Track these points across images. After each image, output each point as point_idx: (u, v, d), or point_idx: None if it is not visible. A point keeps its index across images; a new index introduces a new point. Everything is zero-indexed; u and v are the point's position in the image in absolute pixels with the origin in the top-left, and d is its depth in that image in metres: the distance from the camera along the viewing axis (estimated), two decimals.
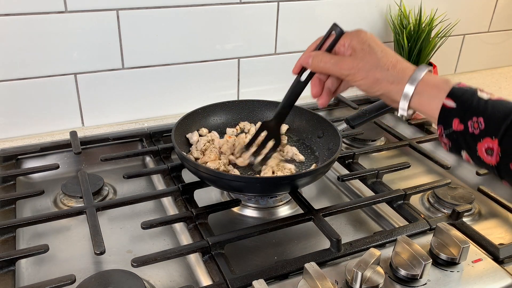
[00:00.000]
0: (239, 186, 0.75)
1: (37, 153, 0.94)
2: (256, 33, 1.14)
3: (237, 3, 1.08)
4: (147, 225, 0.71)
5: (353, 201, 0.83)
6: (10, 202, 0.79)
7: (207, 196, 0.88)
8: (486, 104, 0.53)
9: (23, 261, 0.70)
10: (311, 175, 0.76)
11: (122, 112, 1.08)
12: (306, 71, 0.68)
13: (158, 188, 0.89)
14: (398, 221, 0.81)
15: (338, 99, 1.21)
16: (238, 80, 1.17)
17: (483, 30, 1.48)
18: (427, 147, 1.06)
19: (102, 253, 0.65)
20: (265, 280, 0.60)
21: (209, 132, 0.93)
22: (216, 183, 0.78)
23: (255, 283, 0.59)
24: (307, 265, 0.60)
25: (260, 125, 0.81)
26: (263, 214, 0.84)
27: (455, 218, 0.78)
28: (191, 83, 1.12)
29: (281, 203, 0.86)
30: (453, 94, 0.55)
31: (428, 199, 0.89)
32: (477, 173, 0.92)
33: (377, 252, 0.61)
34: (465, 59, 1.49)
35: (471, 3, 1.39)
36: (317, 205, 0.78)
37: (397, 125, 1.18)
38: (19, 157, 0.93)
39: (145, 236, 0.77)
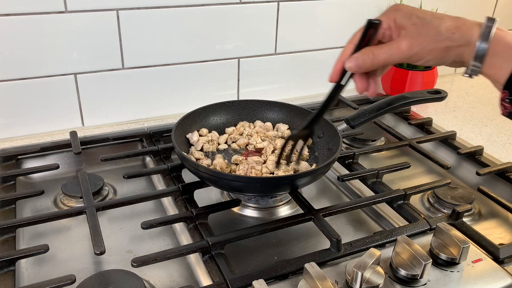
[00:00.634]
0: (239, 186, 0.75)
1: (37, 153, 0.94)
2: (256, 33, 1.14)
3: (237, 3, 1.08)
4: (147, 225, 0.71)
5: (353, 201, 0.83)
6: (10, 202, 0.79)
7: (207, 196, 0.88)
8: None
9: (23, 261, 0.70)
10: (311, 175, 0.76)
11: (122, 112, 1.08)
12: (347, 74, 0.63)
13: (158, 188, 0.89)
14: (398, 221, 0.81)
15: (338, 99, 1.20)
16: (238, 80, 1.17)
17: None
18: (427, 147, 1.06)
19: (102, 253, 0.65)
20: (265, 280, 0.60)
21: (209, 132, 0.94)
22: (216, 183, 0.78)
23: (255, 283, 0.59)
24: (307, 265, 0.60)
25: (287, 138, 0.75)
26: (263, 214, 0.84)
27: (455, 218, 0.78)
28: (191, 83, 1.12)
29: (281, 203, 0.86)
30: None
31: (428, 199, 0.89)
32: (477, 173, 0.92)
33: (377, 252, 0.61)
34: None
35: (471, 3, 1.39)
36: (317, 205, 0.78)
37: (397, 125, 1.18)
38: (19, 157, 0.93)
39: (145, 236, 0.77)
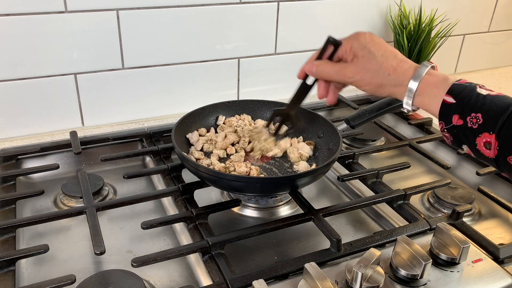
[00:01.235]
0: (239, 186, 0.75)
1: (37, 153, 0.94)
2: (256, 33, 1.14)
3: (237, 3, 1.08)
4: (147, 225, 0.71)
5: (353, 201, 0.83)
6: (10, 202, 0.79)
7: (207, 196, 0.88)
8: (484, 100, 0.55)
9: (23, 261, 0.70)
10: (311, 175, 0.76)
11: (122, 112, 1.08)
12: (310, 76, 0.71)
13: (158, 188, 0.89)
14: (398, 221, 0.81)
15: (338, 99, 1.20)
16: (238, 80, 1.17)
17: (483, 30, 1.48)
18: (427, 147, 1.06)
19: (102, 253, 0.65)
20: (265, 280, 0.60)
21: (208, 131, 0.93)
22: (216, 183, 0.78)
23: (255, 283, 0.59)
24: (307, 265, 0.60)
25: (272, 113, 0.84)
26: (263, 214, 0.84)
27: (455, 218, 0.78)
28: (191, 83, 1.12)
29: (281, 203, 0.86)
30: (453, 91, 0.57)
31: (428, 199, 0.89)
32: (477, 173, 0.92)
33: (377, 252, 0.61)
34: (465, 59, 1.49)
35: (471, 3, 1.39)
36: (317, 205, 0.78)
37: (397, 125, 1.19)
38: (19, 157, 0.93)
39: (145, 236, 0.77)
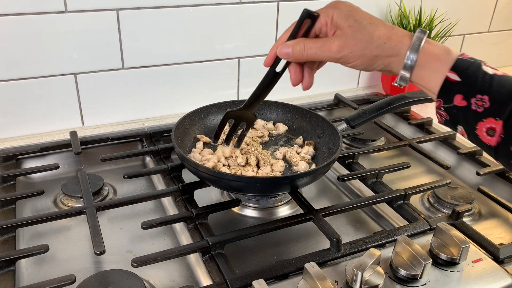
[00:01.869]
0: (239, 186, 0.75)
1: (37, 153, 0.94)
2: (256, 33, 1.14)
3: (237, 3, 1.08)
4: (147, 225, 0.71)
5: (353, 201, 0.83)
6: (10, 202, 0.79)
7: (207, 196, 0.88)
8: (491, 81, 0.50)
9: (23, 261, 0.70)
10: (311, 175, 0.76)
11: (122, 112, 1.08)
12: (282, 61, 0.63)
13: (158, 188, 0.89)
14: (398, 221, 0.81)
15: (338, 99, 1.21)
16: (238, 80, 1.17)
17: (483, 30, 1.48)
18: (427, 147, 1.06)
19: (102, 253, 0.65)
20: (265, 280, 0.60)
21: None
22: (216, 183, 0.78)
23: (255, 283, 0.59)
24: (307, 265, 0.60)
25: (224, 116, 0.77)
26: (263, 214, 0.84)
27: (455, 218, 0.78)
28: (191, 83, 1.12)
29: (281, 203, 0.86)
30: (458, 67, 0.51)
31: (428, 199, 0.89)
32: (477, 173, 0.92)
33: (377, 252, 0.61)
34: None
35: (471, 3, 1.39)
36: (317, 205, 0.78)
37: (397, 125, 1.18)
38: (19, 157, 0.93)
39: (145, 236, 0.77)
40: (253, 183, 0.75)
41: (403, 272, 0.64)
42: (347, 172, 0.93)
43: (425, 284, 0.64)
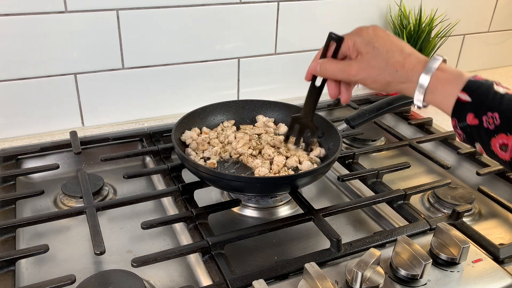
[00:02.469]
0: (239, 186, 0.75)
1: (37, 153, 0.94)
2: (256, 33, 1.14)
3: (237, 3, 1.08)
4: (147, 225, 0.71)
5: (353, 201, 0.83)
6: (10, 202, 0.79)
7: (207, 196, 0.88)
8: (502, 99, 0.52)
9: (23, 261, 0.70)
10: (311, 175, 0.76)
11: (122, 112, 1.08)
12: (318, 77, 0.68)
13: (158, 188, 0.89)
14: (398, 221, 0.81)
15: (338, 99, 1.20)
16: (238, 80, 1.17)
17: (483, 30, 1.48)
18: (427, 147, 1.06)
19: (102, 253, 0.65)
20: (265, 280, 0.60)
21: (201, 133, 0.93)
22: (216, 183, 0.78)
23: (255, 283, 0.59)
24: (307, 265, 0.60)
25: (291, 121, 0.81)
26: (263, 214, 0.84)
27: (455, 218, 0.78)
28: (191, 83, 1.12)
29: (281, 203, 0.86)
30: (469, 88, 0.54)
31: (428, 199, 0.89)
32: (477, 173, 0.92)
33: (377, 252, 0.61)
34: (465, 59, 1.49)
35: (471, 3, 1.39)
36: (317, 205, 0.78)
37: (397, 125, 1.18)
38: (19, 157, 0.93)
39: (145, 236, 0.77)
40: (253, 183, 0.75)
41: (403, 272, 0.64)
42: (347, 172, 0.93)
43: (425, 284, 0.64)
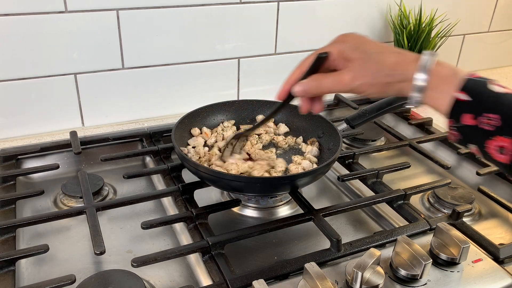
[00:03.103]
0: (239, 186, 0.75)
1: (37, 153, 0.94)
2: (256, 33, 1.14)
3: (237, 3, 1.08)
4: (147, 225, 0.71)
5: (353, 201, 0.83)
6: (10, 202, 0.79)
7: (207, 196, 0.88)
8: (501, 99, 0.50)
9: (23, 261, 0.70)
10: (311, 175, 0.76)
11: (122, 112, 1.08)
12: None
13: (158, 188, 0.89)
14: (398, 221, 0.81)
15: (338, 99, 1.21)
16: (238, 80, 1.17)
17: (483, 30, 1.48)
18: (427, 147, 1.06)
19: (102, 253, 0.65)
20: (265, 280, 0.60)
21: (201, 133, 0.93)
22: (216, 183, 0.78)
23: (255, 283, 0.59)
24: (307, 265, 0.60)
25: (233, 136, 0.83)
26: (263, 214, 0.84)
27: (455, 218, 0.78)
28: (191, 83, 1.12)
29: (281, 203, 0.86)
30: (466, 87, 0.52)
31: (428, 199, 0.89)
32: (477, 173, 0.92)
33: (377, 252, 0.61)
34: (465, 59, 1.49)
35: (471, 3, 1.39)
36: (317, 205, 0.78)
37: (397, 125, 1.18)
38: (19, 157, 0.93)
39: (145, 236, 0.77)
40: (253, 183, 0.75)
41: (403, 272, 0.64)
42: (347, 172, 0.93)
43: (425, 284, 0.64)
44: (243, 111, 0.98)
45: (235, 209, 0.84)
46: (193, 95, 1.13)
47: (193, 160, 0.83)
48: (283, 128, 0.96)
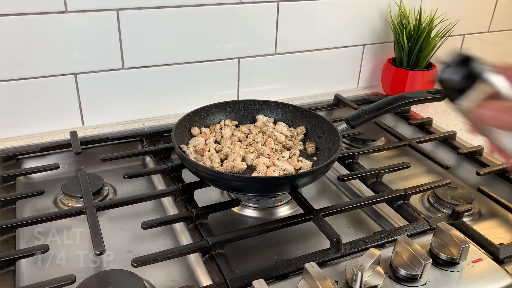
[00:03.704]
0: (239, 186, 0.75)
1: (37, 153, 0.94)
2: (256, 33, 1.14)
3: (237, 3, 1.08)
4: (147, 225, 0.71)
5: (353, 201, 0.83)
6: (10, 202, 0.79)
7: (207, 196, 0.88)
8: None
9: (23, 261, 0.70)
10: (311, 175, 0.76)
11: (122, 112, 1.08)
12: None
13: (158, 188, 0.89)
14: (398, 221, 0.81)
15: (338, 99, 1.21)
16: (238, 80, 1.17)
17: (483, 30, 1.48)
18: (427, 147, 1.06)
19: (102, 253, 0.65)
20: (265, 280, 0.60)
21: (200, 132, 0.93)
22: (216, 183, 0.78)
23: (255, 283, 0.59)
24: (307, 265, 0.60)
25: None
26: (263, 214, 0.84)
27: (455, 218, 0.78)
28: (191, 83, 1.12)
29: (281, 203, 0.86)
30: None
31: (428, 199, 0.89)
32: (477, 173, 0.92)
33: (377, 252, 0.61)
34: None
35: (471, 3, 1.39)
36: (317, 205, 0.78)
37: (397, 125, 1.18)
38: (19, 157, 0.93)
39: (145, 236, 0.77)
40: (253, 183, 0.75)
41: (403, 272, 0.64)
42: (347, 172, 0.93)
43: (425, 284, 0.64)
44: (243, 111, 0.98)
45: (235, 209, 0.84)
46: (193, 95, 1.13)
47: (193, 159, 0.83)
48: (282, 127, 0.95)
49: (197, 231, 0.73)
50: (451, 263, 0.67)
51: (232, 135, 0.92)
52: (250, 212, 0.84)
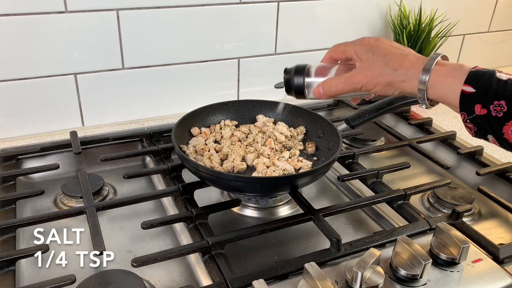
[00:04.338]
0: (239, 186, 0.75)
1: (37, 153, 0.94)
2: (256, 33, 1.14)
3: (237, 3, 1.08)
4: (147, 225, 0.71)
5: (353, 201, 0.83)
6: (10, 202, 0.79)
7: (207, 196, 0.88)
8: (505, 86, 0.52)
9: (23, 261, 0.70)
10: (311, 175, 0.76)
11: (122, 112, 1.08)
12: None
13: (158, 188, 0.89)
14: (398, 221, 0.81)
15: (338, 99, 1.21)
16: (238, 80, 1.17)
17: (483, 30, 1.48)
18: (427, 147, 1.06)
19: (102, 253, 0.65)
20: (265, 280, 0.60)
21: (200, 132, 0.93)
22: (216, 183, 0.78)
23: (255, 283, 0.59)
24: (307, 265, 0.60)
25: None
26: (263, 214, 0.84)
27: (455, 218, 0.78)
28: (191, 83, 1.12)
29: (281, 203, 0.86)
30: (471, 79, 0.54)
31: (428, 199, 0.89)
32: (477, 173, 0.92)
33: (377, 252, 0.61)
34: (465, 59, 1.49)
35: (471, 3, 1.39)
36: (317, 205, 0.78)
37: (397, 125, 1.18)
38: (19, 157, 0.93)
39: (145, 236, 0.77)
40: (253, 183, 0.75)
41: (403, 272, 0.64)
42: (347, 172, 0.93)
43: (425, 284, 0.64)
44: (243, 111, 0.98)
45: (235, 209, 0.84)
46: (193, 95, 1.13)
47: (193, 159, 0.83)
48: (282, 127, 0.95)
49: (197, 231, 0.73)
50: (451, 263, 0.67)
51: (232, 135, 0.92)
52: (250, 212, 0.84)
